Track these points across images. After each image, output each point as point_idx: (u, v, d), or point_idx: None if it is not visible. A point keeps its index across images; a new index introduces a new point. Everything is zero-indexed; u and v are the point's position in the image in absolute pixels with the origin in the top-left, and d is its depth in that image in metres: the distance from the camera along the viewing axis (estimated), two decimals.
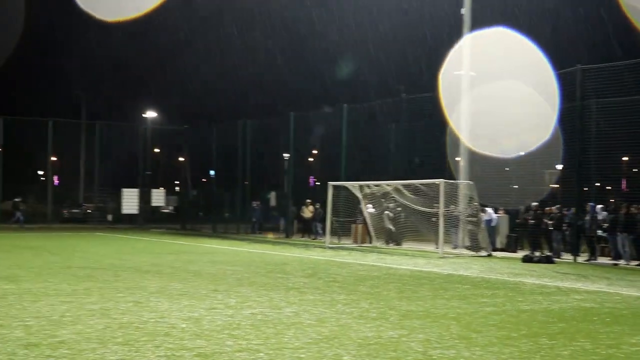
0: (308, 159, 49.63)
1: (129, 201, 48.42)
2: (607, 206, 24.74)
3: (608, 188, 29.79)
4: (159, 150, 57.54)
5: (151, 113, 52.78)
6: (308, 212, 35.77)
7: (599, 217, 24.36)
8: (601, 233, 24.35)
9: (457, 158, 29.22)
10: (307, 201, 36.04)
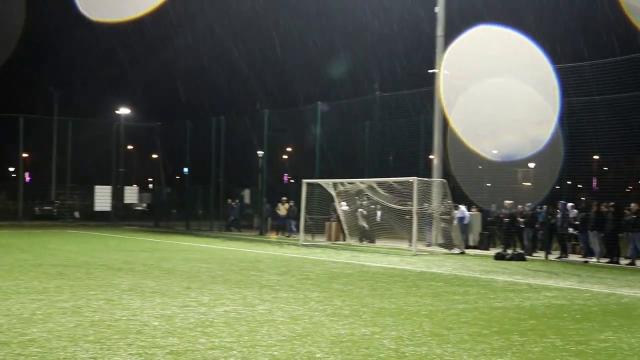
0: (282, 157, 49.60)
1: (102, 198, 48.05)
2: (578, 204, 25.02)
3: (579, 186, 30.11)
4: (132, 147, 57.16)
5: (124, 110, 52.39)
6: (283, 210, 35.73)
7: (570, 216, 24.64)
8: (572, 231, 24.65)
9: (431, 156, 29.38)
10: (283, 199, 36.01)
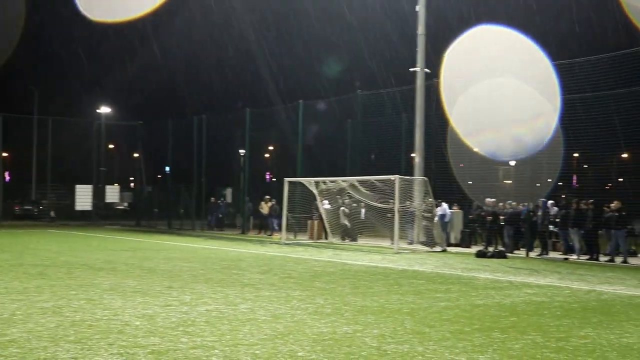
0: (264, 155, 49.55)
1: (83, 198, 47.74)
2: (558, 202, 25.22)
3: (559, 184, 30.32)
4: (114, 146, 56.84)
5: (105, 108, 52.11)
6: (266, 208, 35.68)
7: (551, 213, 24.83)
8: (553, 228, 24.84)
9: (413, 154, 29.46)
10: (266, 197, 35.98)
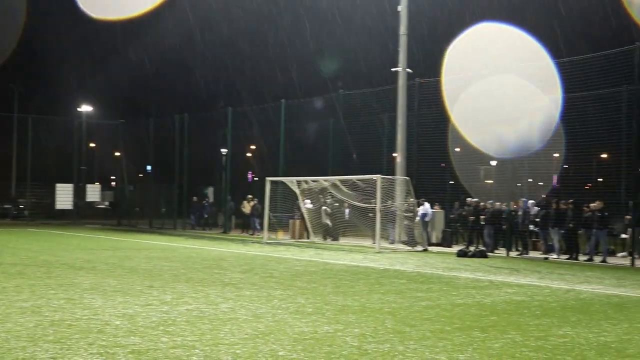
0: (246, 154, 49.45)
1: (63, 196, 47.42)
2: (539, 202, 25.40)
3: (540, 184, 30.52)
4: (95, 144, 56.47)
5: (86, 107, 51.79)
6: (248, 207, 35.63)
7: (531, 213, 25.00)
8: (533, 228, 25.00)
9: (395, 154, 29.53)
10: (249, 196, 35.92)
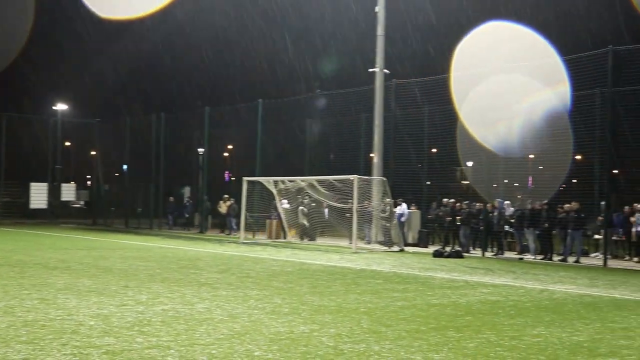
0: (223, 154, 49.31)
1: (38, 196, 46.97)
2: (514, 202, 25.60)
3: (516, 185, 30.76)
4: (70, 143, 55.99)
5: (62, 105, 51.33)
6: (224, 207, 35.54)
7: (506, 213, 25.18)
8: (508, 228, 25.19)
9: (372, 154, 29.61)
10: (225, 196, 35.81)
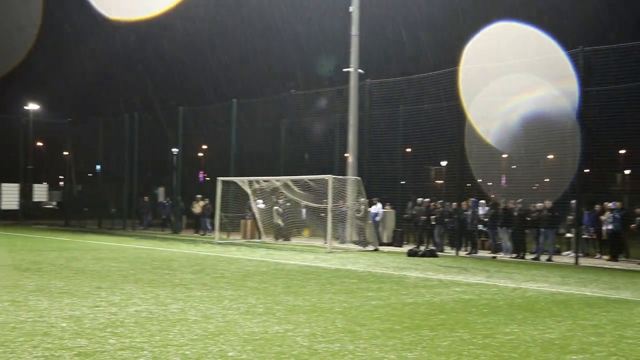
0: (198, 154, 49.12)
1: (9, 196, 46.44)
2: (488, 202, 25.79)
3: (489, 184, 30.98)
4: (42, 143, 55.46)
5: (33, 105, 50.83)
6: (198, 208, 35.40)
7: (480, 212, 25.36)
8: (482, 227, 25.37)
9: (346, 154, 29.66)
10: (197, 196, 35.67)
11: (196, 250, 24.42)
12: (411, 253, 23.58)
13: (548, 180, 27.01)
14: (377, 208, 27.87)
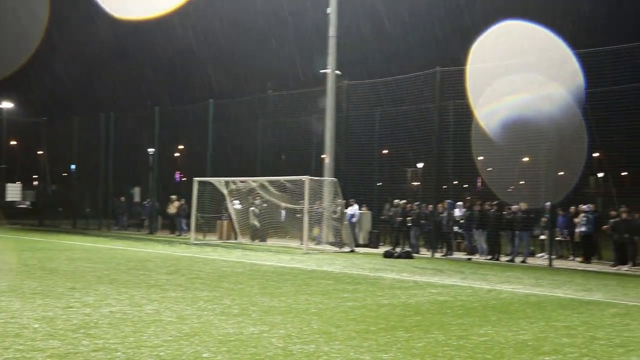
0: (174, 154, 48.89)
1: None
2: (464, 203, 25.92)
3: (465, 186, 31.15)
4: (16, 142, 54.89)
5: (7, 104, 50.30)
6: (173, 208, 35.23)
7: (456, 214, 25.49)
8: (457, 229, 25.50)
9: (323, 155, 29.67)
10: (172, 197, 35.49)
11: (172, 250, 24.30)
12: (387, 254, 23.64)
13: (523, 182, 27.20)
14: (354, 209, 27.92)
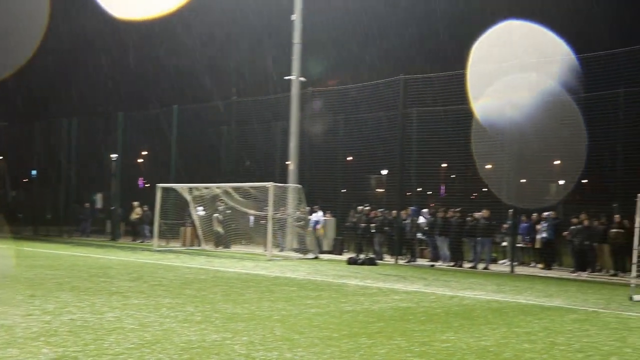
0: (137, 160, 48.44)
1: None
2: (427, 210, 26.11)
3: (429, 193, 31.38)
4: None
5: None
6: (136, 215, 34.90)
7: (420, 221, 25.66)
8: (420, 236, 25.67)
9: (287, 162, 29.67)
10: (134, 203, 35.16)
11: (134, 257, 24.07)
12: (351, 261, 23.70)
13: (486, 189, 27.47)
14: (318, 216, 27.95)
